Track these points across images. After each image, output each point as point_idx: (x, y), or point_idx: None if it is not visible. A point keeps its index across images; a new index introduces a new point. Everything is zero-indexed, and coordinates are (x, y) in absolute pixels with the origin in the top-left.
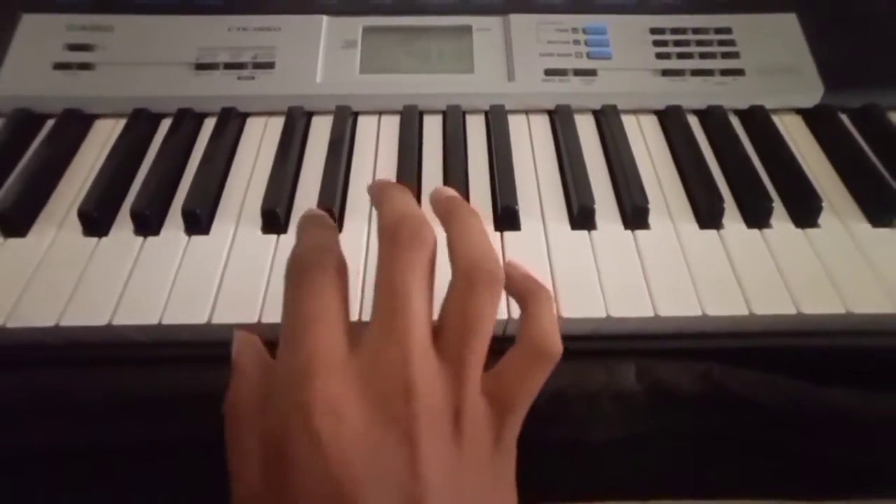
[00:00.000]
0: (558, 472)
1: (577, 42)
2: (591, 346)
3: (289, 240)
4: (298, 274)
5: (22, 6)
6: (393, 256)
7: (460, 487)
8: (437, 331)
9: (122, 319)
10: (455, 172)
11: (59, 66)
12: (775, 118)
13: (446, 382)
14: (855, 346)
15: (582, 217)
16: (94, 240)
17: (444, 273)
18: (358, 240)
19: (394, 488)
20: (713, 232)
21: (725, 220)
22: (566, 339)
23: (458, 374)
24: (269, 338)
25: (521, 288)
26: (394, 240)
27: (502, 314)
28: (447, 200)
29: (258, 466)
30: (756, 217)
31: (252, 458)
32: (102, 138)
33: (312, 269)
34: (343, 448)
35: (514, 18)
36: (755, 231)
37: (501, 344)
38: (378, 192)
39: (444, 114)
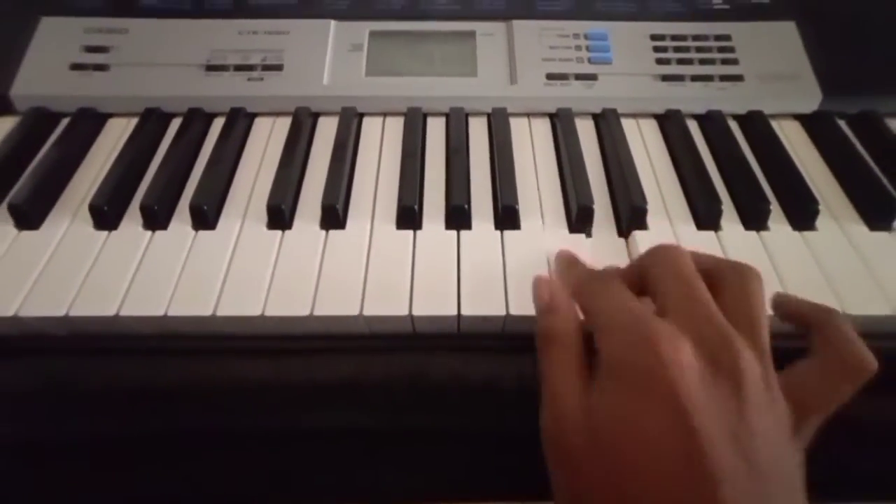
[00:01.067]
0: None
1: (578, 47)
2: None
3: (293, 236)
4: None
5: (41, 9)
6: (674, 256)
7: (775, 448)
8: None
9: (129, 310)
10: (458, 173)
11: (76, 67)
12: (774, 123)
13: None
14: None
15: (581, 218)
16: (105, 233)
17: None
18: (361, 237)
19: (724, 423)
20: (711, 233)
21: (723, 222)
22: None
23: (760, 357)
24: (273, 331)
25: (807, 310)
26: (662, 258)
27: (500, 311)
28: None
29: (582, 386)
30: (754, 219)
31: (576, 379)
32: (115, 136)
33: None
34: (683, 375)
35: (517, 24)
36: (753, 233)
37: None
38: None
39: (448, 116)
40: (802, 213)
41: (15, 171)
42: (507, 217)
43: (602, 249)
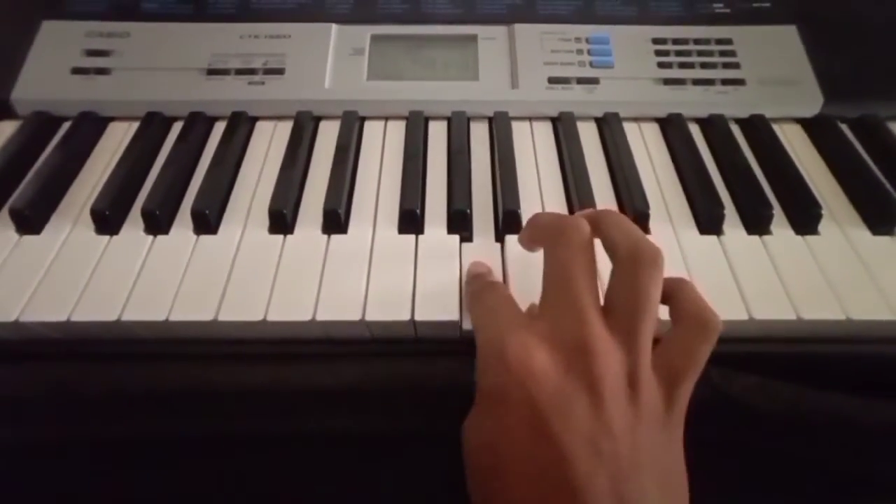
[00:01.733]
0: None
1: (580, 51)
2: None
3: (295, 240)
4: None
5: (43, 13)
6: (557, 248)
7: (635, 441)
8: (608, 310)
9: (131, 315)
10: (459, 177)
11: (77, 71)
12: (776, 127)
13: (622, 350)
14: (854, 352)
15: None
16: (106, 238)
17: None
18: (363, 242)
19: (579, 426)
20: (713, 238)
21: (726, 227)
22: None
23: (631, 345)
24: (275, 335)
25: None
26: (555, 237)
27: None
28: (595, 210)
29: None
30: (756, 223)
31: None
32: (116, 140)
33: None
34: (538, 385)
35: (519, 28)
36: (755, 237)
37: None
38: (531, 219)
39: (449, 120)
40: (805, 218)
41: (16, 175)
42: (509, 222)
43: (605, 252)
